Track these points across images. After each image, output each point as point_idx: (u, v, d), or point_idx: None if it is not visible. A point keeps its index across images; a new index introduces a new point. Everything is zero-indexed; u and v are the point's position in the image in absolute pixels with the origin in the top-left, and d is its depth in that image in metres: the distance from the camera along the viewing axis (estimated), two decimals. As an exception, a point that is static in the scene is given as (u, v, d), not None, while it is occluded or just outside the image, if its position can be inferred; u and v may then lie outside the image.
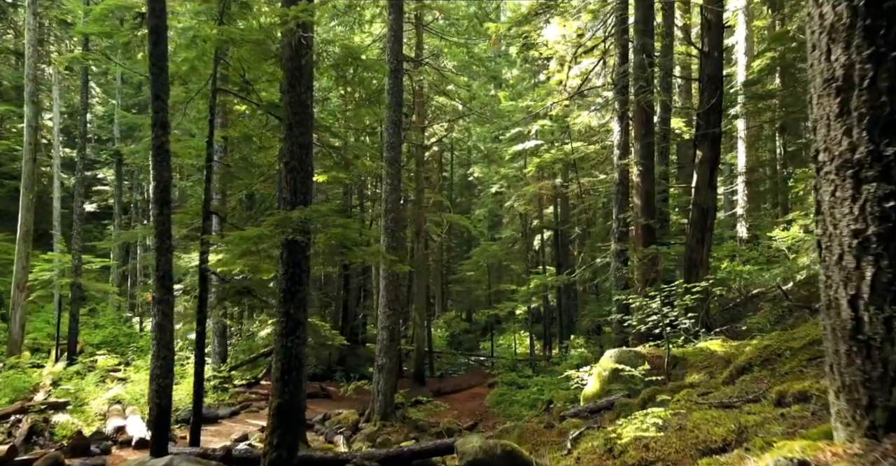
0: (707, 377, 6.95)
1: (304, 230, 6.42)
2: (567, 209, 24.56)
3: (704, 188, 11.72)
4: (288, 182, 6.69)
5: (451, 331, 31.17)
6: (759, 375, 4.92)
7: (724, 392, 4.55)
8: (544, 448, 5.96)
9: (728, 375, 5.48)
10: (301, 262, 6.59)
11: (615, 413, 6.85)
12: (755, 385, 4.61)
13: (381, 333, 13.75)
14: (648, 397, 6.57)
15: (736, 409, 3.71)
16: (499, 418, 15.51)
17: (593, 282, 15.88)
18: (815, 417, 2.94)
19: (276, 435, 6.26)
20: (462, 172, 37.06)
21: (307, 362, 23.46)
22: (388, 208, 13.84)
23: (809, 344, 4.99)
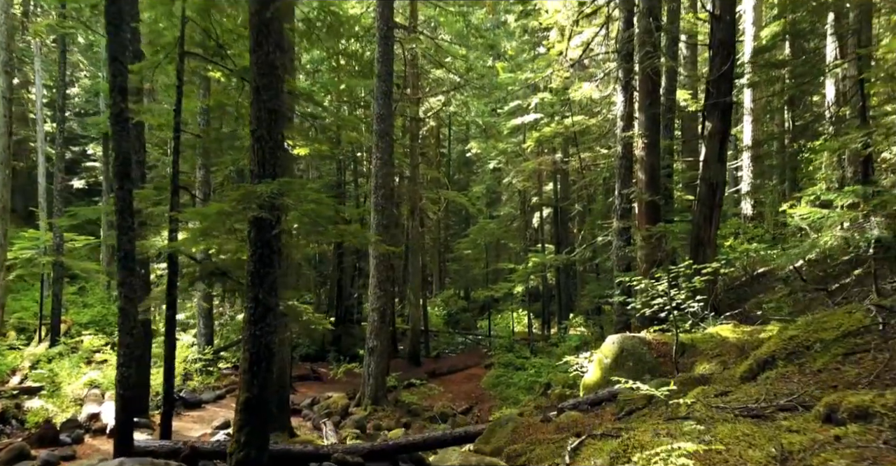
0: (719, 367, 6.34)
1: (273, 206, 5.74)
2: (567, 185, 23.82)
3: (713, 162, 11.00)
4: (256, 153, 5.99)
5: (448, 310, 30.68)
6: (786, 371, 4.29)
7: (748, 393, 3.92)
8: (540, 448, 5.36)
9: (747, 369, 4.85)
10: (271, 242, 5.93)
11: (619, 407, 6.26)
12: (783, 384, 3.98)
13: (372, 314, 13.16)
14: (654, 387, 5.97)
15: (770, 421, 3.08)
16: (495, 401, 15.02)
17: (594, 262, 15.24)
18: (888, 446, 2.31)
19: (243, 433, 5.67)
20: (460, 148, 36.23)
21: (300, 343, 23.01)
22: (378, 184, 13.14)
23: (843, 336, 4.35)
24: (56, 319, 17.34)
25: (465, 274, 30.38)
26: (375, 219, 13.11)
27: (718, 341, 7.18)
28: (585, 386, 7.93)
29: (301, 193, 5.96)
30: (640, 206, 11.57)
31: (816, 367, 4.12)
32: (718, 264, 7.54)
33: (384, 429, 11.99)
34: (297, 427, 11.70)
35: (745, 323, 9.29)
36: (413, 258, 20.58)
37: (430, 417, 13.12)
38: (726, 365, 6.29)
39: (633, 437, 3.25)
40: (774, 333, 6.71)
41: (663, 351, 7.36)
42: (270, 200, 5.64)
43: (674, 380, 6.06)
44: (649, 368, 7.17)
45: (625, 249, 11.71)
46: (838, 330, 4.44)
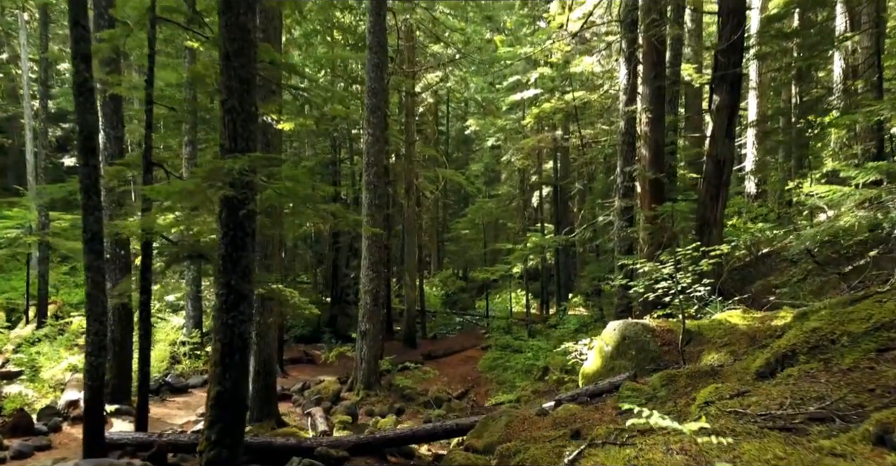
0: (729, 357, 5.90)
1: (244, 184, 5.23)
2: (567, 163, 23.23)
3: (721, 138, 10.45)
4: (226, 126, 5.46)
5: (446, 290, 30.29)
6: (810, 369, 3.83)
7: (769, 395, 3.46)
8: (535, 447, 4.93)
9: (764, 364, 4.40)
10: (244, 223, 5.43)
11: (621, 400, 5.82)
12: (809, 385, 3.52)
13: (364, 297, 12.72)
14: (660, 383, 5.54)
15: (803, 436, 2.62)
16: (491, 385, 14.66)
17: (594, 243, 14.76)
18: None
19: (215, 430, 5.24)
20: (459, 126, 35.52)
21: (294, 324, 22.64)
22: (370, 161, 12.59)
23: (875, 329, 3.88)
24: (43, 300, 16.93)
25: (463, 254, 29.92)
26: (367, 197, 12.59)
27: (727, 328, 6.73)
28: (585, 374, 7.51)
29: (274, 170, 5.45)
30: (643, 185, 11.06)
31: (846, 365, 3.65)
32: (728, 246, 7.06)
33: (377, 415, 11.64)
34: (287, 413, 11.34)
35: (752, 307, 8.86)
36: (409, 238, 20.09)
37: (424, 402, 12.76)
38: (737, 356, 5.84)
39: (641, 455, 2.79)
40: (789, 320, 6.26)
41: (668, 338, 6.92)
42: (241, 178, 5.13)
43: (680, 372, 5.62)
44: (653, 357, 6.74)
45: (627, 230, 11.23)
46: (868, 323, 3.98)
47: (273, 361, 9.84)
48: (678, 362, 6.50)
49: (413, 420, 11.82)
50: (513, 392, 12.33)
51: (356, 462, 6.68)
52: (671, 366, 6.53)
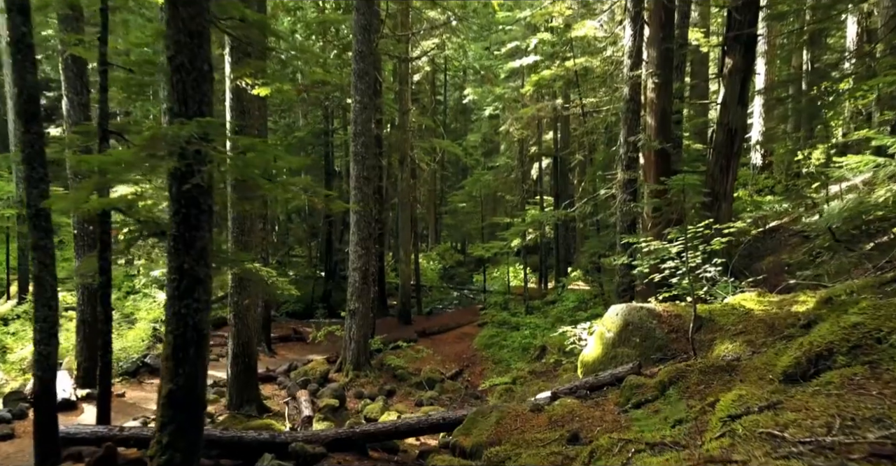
0: (745, 348, 5.28)
1: (195, 154, 4.54)
2: (568, 134, 22.40)
3: (733, 104, 9.71)
4: (175, 87, 4.74)
5: (443, 264, 29.72)
6: (853, 375, 3.20)
7: (808, 410, 2.83)
8: (528, 453, 4.35)
9: (793, 363, 3.77)
10: (198, 199, 4.75)
11: (623, 395, 5.23)
12: (857, 398, 2.89)
13: (353, 275, 12.11)
14: (669, 379, 4.93)
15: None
16: (487, 364, 14.15)
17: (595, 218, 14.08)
18: None
19: (167, 432, 4.65)
20: (457, 96, 34.51)
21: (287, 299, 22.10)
22: (357, 130, 11.83)
23: (932, 328, 3.25)
24: (24, 274, 16.35)
25: (460, 228, 29.27)
26: (356, 169, 11.87)
27: (741, 314, 6.11)
28: (584, 362, 6.92)
29: (231, 138, 4.74)
30: (648, 155, 10.35)
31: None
32: (744, 223, 6.40)
33: (366, 397, 11.13)
34: (271, 396, 10.84)
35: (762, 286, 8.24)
36: (403, 212, 19.40)
37: (416, 383, 12.25)
38: (754, 347, 5.23)
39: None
40: (811, 306, 5.64)
41: (675, 324, 6.30)
42: (189, 146, 4.43)
43: (692, 365, 5.01)
44: (659, 346, 6.14)
45: (630, 204, 10.55)
46: (923, 318, 3.34)
47: (253, 343, 9.26)
48: (687, 351, 5.89)
49: (404, 402, 11.33)
50: (508, 374, 11.81)
51: (334, 459, 6.14)
52: (679, 356, 5.94)
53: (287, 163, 4.81)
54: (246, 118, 8.97)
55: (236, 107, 8.90)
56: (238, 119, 8.91)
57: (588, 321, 10.72)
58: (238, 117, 8.90)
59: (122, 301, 15.22)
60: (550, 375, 11.26)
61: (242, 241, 9.03)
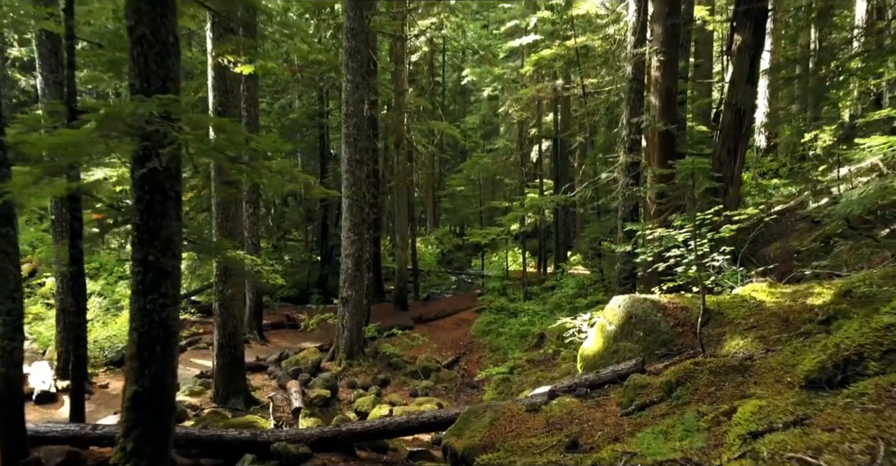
0: (758, 345, 4.91)
1: (158, 135, 4.11)
2: (568, 116, 21.87)
3: (742, 83, 9.25)
4: (136, 60, 4.30)
5: (441, 248, 29.36)
6: (889, 384, 2.83)
7: (844, 430, 2.46)
8: (522, 462, 3.99)
9: (816, 367, 3.39)
10: (163, 185, 4.34)
11: (627, 395, 4.87)
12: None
13: (345, 261, 11.73)
14: (676, 379, 4.56)
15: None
16: (484, 351, 13.85)
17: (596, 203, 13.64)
18: None
19: (131, 438, 4.28)
20: (455, 77, 33.85)
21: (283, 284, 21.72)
22: (349, 111, 11.36)
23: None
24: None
25: (458, 212, 28.82)
26: (347, 152, 11.43)
27: (752, 306, 5.73)
28: (584, 356, 6.55)
29: (196, 118, 4.32)
30: (651, 138, 9.91)
31: (947, 385, 2.64)
32: (755, 209, 5.99)
33: (359, 387, 10.82)
34: (261, 386, 10.52)
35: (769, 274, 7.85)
36: (399, 195, 18.96)
37: (411, 372, 11.95)
38: (768, 344, 4.85)
39: None
40: (828, 298, 5.26)
41: (681, 317, 5.93)
42: (149, 127, 4.01)
43: (701, 365, 4.64)
44: (664, 340, 5.77)
45: (632, 188, 10.13)
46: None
47: (239, 334, 8.91)
48: (694, 347, 5.52)
49: (398, 392, 11.02)
50: (505, 363, 11.48)
51: (319, 459, 5.81)
52: (685, 352, 5.57)
53: (260, 145, 4.39)
54: (229, 97, 8.52)
55: (219, 87, 8.44)
56: (221, 98, 8.46)
57: (588, 310, 10.37)
58: (221, 97, 8.46)
59: (112, 286, 14.84)
60: (549, 364, 10.94)
61: (227, 228, 8.64)
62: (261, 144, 4.36)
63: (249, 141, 4.30)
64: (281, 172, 4.72)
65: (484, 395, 10.57)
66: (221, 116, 8.43)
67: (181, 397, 8.95)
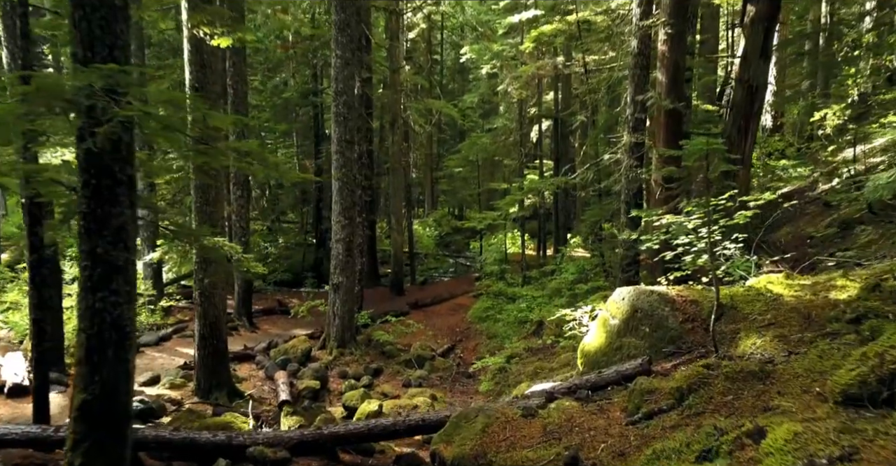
0: (778, 345, 4.44)
1: (99, 110, 3.59)
2: (569, 95, 21.22)
3: (755, 58, 8.66)
4: (77, 25, 3.76)
5: (440, 231, 28.83)
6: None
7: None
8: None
9: (856, 380, 2.93)
10: (112, 168, 3.84)
11: (632, 401, 4.42)
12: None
13: (335, 247, 11.25)
14: (688, 385, 4.11)
15: None
16: (481, 339, 13.44)
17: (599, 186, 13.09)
18: None
19: (79, 452, 3.83)
20: (454, 56, 33.02)
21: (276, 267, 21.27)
22: (339, 89, 10.79)
23: None
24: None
25: (456, 194, 28.25)
26: (337, 132, 10.88)
27: (768, 300, 5.26)
28: (585, 352, 6.10)
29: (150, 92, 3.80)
30: (657, 116, 9.37)
31: None
32: (772, 194, 5.48)
33: (350, 377, 10.42)
34: (248, 377, 10.13)
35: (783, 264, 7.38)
36: (395, 177, 18.42)
37: (405, 360, 11.54)
38: (790, 345, 4.39)
39: None
40: (854, 292, 4.79)
41: (691, 312, 5.46)
42: (89, 101, 3.49)
43: (716, 369, 4.18)
44: (672, 337, 5.30)
45: (636, 170, 9.60)
46: None
47: (221, 324, 8.47)
48: (705, 345, 5.06)
49: (391, 382, 10.62)
50: (502, 352, 11.07)
51: (298, 465, 5.39)
52: (695, 350, 5.11)
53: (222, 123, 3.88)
54: (207, 73, 7.96)
55: (195, 61, 7.88)
56: (198, 74, 7.90)
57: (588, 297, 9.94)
58: (198, 72, 7.90)
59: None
60: (547, 352, 10.52)
61: (207, 212, 8.14)
62: (222, 122, 3.85)
63: (208, 118, 3.78)
64: (249, 155, 4.21)
65: (480, 386, 10.19)
66: (199, 93, 7.90)
67: (160, 390, 8.54)
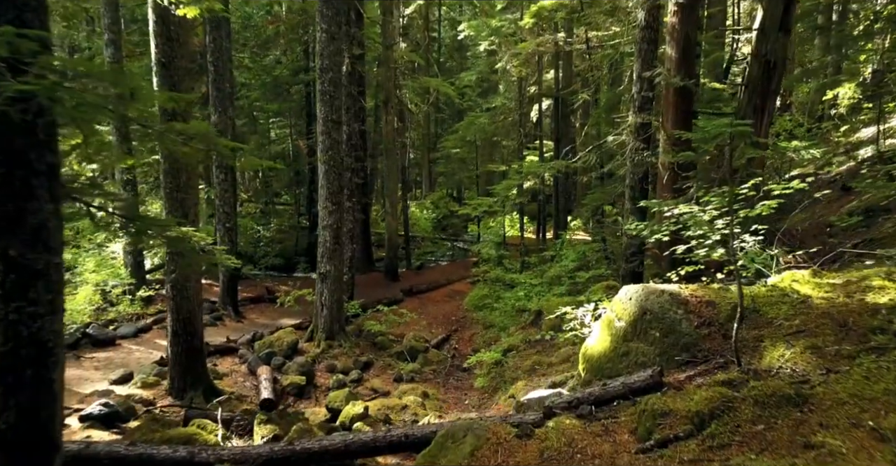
0: (813, 360, 3.84)
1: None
2: (570, 73, 20.41)
3: (773, 30, 7.94)
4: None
5: (438, 213, 28.18)
6: None
7: None
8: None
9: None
10: (28, 155, 3.22)
11: (642, 423, 3.83)
12: None
13: (322, 234, 10.64)
14: (709, 410, 3.52)
15: None
16: (477, 328, 12.90)
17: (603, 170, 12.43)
18: None
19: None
20: (452, 34, 32.03)
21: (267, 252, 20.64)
22: (324, 65, 10.08)
23: None
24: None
25: (453, 176, 27.53)
26: (323, 111, 10.20)
27: (795, 302, 4.66)
28: (588, 357, 5.51)
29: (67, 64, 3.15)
30: (666, 94, 8.67)
31: None
32: (800, 182, 4.84)
33: (338, 372, 9.89)
34: (229, 372, 9.59)
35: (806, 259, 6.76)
36: (389, 158, 17.73)
37: (396, 353, 11.01)
38: (825, 358, 3.79)
39: None
40: (895, 296, 4.18)
41: (707, 315, 4.86)
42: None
43: (737, 383, 3.59)
44: (685, 344, 4.71)
45: (642, 153, 8.95)
46: None
47: (196, 318, 7.89)
48: (723, 353, 4.48)
49: (381, 376, 10.10)
50: (499, 344, 10.52)
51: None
52: (713, 360, 4.52)
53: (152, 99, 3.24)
54: (174, 47, 7.27)
55: (161, 33, 7.18)
56: (164, 47, 7.21)
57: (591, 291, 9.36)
58: (164, 45, 7.21)
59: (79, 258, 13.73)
60: (546, 345, 9.98)
61: (178, 199, 7.51)
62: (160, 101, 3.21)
63: (137, 93, 3.14)
64: (200, 138, 3.57)
65: (475, 381, 9.66)
66: (167, 69, 7.22)
67: (132, 389, 8.00)
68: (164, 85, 7.12)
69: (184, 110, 7.26)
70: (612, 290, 9.72)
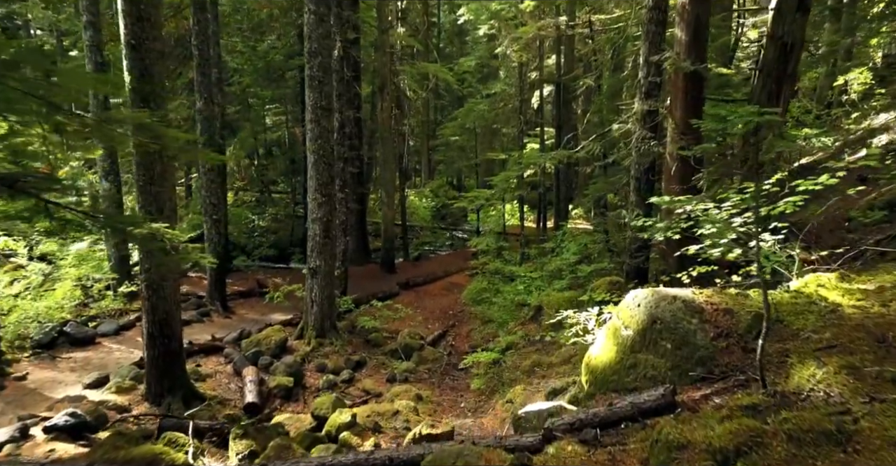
0: (850, 382, 3.36)
1: None
2: (572, 59, 19.78)
3: (790, 11, 7.39)
4: None
5: (437, 202, 27.63)
6: None
7: None
8: None
9: None
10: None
11: (655, 456, 3.36)
12: None
13: (312, 227, 10.15)
14: (734, 446, 3.04)
15: None
16: (475, 323, 12.45)
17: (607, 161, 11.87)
18: None
19: None
20: (453, 18, 31.28)
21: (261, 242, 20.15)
22: (312, 49, 9.52)
23: None
24: None
25: (452, 164, 26.95)
26: (312, 97, 9.65)
27: (823, 311, 4.18)
28: (592, 368, 5.04)
29: None
30: (675, 80, 8.11)
31: None
32: (829, 177, 4.32)
33: (329, 372, 9.46)
34: (213, 373, 9.14)
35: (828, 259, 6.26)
36: (385, 146, 17.18)
37: (390, 350, 10.58)
38: (865, 381, 3.31)
39: None
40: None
41: (724, 325, 4.37)
42: None
43: (764, 411, 3.12)
44: (700, 357, 4.23)
45: (649, 142, 8.42)
46: None
47: (174, 320, 7.42)
48: (743, 369, 4.00)
49: (374, 376, 9.66)
50: (498, 343, 10.06)
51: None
52: (732, 377, 4.04)
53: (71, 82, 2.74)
54: (146, 26, 6.71)
55: (130, 12, 6.62)
56: (134, 27, 6.66)
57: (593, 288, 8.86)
58: (134, 25, 6.65)
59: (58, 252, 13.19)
60: (546, 344, 9.52)
61: (151, 192, 7.01)
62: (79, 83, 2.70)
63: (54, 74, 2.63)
64: (138, 127, 3.07)
65: (471, 382, 9.21)
66: (136, 51, 6.68)
67: (106, 394, 7.54)
68: (133, 69, 6.58)
69: (157, 97, 6.74)
70: (616, 287, 9.24)
